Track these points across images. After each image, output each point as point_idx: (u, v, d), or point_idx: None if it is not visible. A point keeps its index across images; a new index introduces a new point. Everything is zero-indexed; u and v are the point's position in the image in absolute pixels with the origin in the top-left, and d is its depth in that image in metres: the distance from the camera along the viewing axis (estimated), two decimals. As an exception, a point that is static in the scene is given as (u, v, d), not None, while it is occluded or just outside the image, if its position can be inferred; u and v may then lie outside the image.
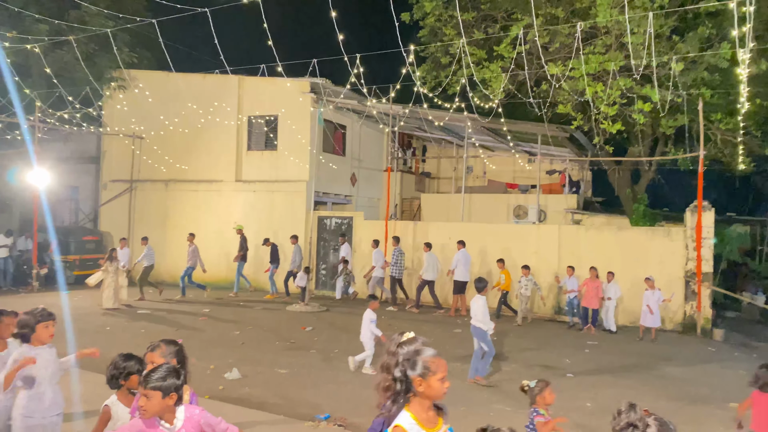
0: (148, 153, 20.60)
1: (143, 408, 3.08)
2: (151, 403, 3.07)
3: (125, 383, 3.87)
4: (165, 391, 3.09)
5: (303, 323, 13.17)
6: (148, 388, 3.07)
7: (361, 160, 21.40)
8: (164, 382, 3.10)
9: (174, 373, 3.16)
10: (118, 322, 12.82)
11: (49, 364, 4.48)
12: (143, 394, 3.08)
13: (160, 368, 3.17)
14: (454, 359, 9.78)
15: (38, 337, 4.43)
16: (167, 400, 3.10)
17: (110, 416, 3.76)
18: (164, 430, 3.15)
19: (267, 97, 18.86)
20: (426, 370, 2.81)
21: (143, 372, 3.78)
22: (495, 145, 22.31)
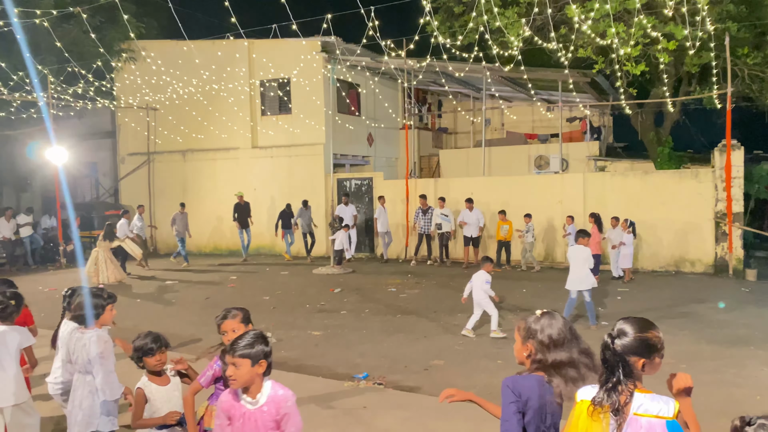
0: (163, 124, 20.49)
1: (232, 377, 2.91)
2: (240, 371, 2.90)
3: (142, 365, 3.77)
4: (254, 358, 2.92)
5: (331, 285, 13.19)
6: (236, 356, 2.90)
7: (376, 120, 21.10)
8: (252, 349, 2.92)
9: (262, 340, 2.98)
10: (148, 294, 12.93)
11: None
12: (231, 363, 2.92)
13: (247, 335, 2.99)
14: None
15: (104, 320, 4.20)
16: (256, 368, 2.94)
17: (146, 398, 3.68)
18: (246, 405, 2.97)
19: (278, 59, 18.55)
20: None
21: (158, 347, 3.74)
22: (513, 95, 21.83)
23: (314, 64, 17.97)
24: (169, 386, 3.78)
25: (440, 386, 6.68)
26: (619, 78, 14.69)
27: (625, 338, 2.37)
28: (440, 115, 26.39)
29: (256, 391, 2.97)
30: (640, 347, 2.35)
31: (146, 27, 20.35)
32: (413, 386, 6.63)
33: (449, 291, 12.32)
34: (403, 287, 12.82)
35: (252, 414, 2.94)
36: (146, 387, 3.71)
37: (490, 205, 15.91)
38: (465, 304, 10.88)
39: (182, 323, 9.99)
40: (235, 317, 3.61)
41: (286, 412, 2.97)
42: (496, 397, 6.23)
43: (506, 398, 2.69)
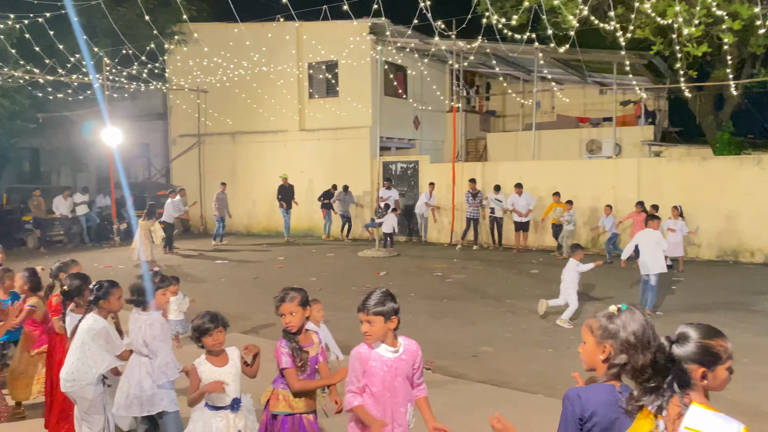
0: (214, 106, 20.78)
1: (368, 333, 3.10)
2: (374, 327, 3.08)
3: (201, 344, 3.76)
4: (386, 315, 3.08)
5: (376, 268, 13.19)
6: (369, 314, 3.07)
7: (423, 102, 20.89)
8: (384, 307, 3.08)
9: (391, 297, 3.13)
10: (199, 273, 13.19)
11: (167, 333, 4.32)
12: (365, 320, 3.09)
13: (376, 293, 3.14)
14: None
15: (158, 303, 4.20)
16: (389, 324, 3.10)
17: (197, 378, 3.66)
18: (387, 354, 3.14)
19: (327, 41, 18.51)
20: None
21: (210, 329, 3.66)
22: (565, 77, 21.26)
23: (363, 46, 17.87)
24: (225, 367, 3.72)
25: (489, 373, 6.62)
26: (679, 60, 14.08)
27: (686, 344, 2.12)
28: (488, 98, 25.96)
29: (395, 342, 3.17)
30: (701, 355, 2.10)
31: (197, 10, 20.62)
32: (461, 372, 6.57)
33: (496, 276, 12.17)
34: (450, 271, 12.72)
35: (393, 362, 3.13)
36: (200, 366, 3.68)
37: (539, 191, 15.60)
38: (512, 291, 10.75)
39: (231, 302, 10.15)
40: (293, 300, 3.57)
41: (420, 360, 3.23)
42: (547, 386, 6.11)
43: (567, 415, 2.38)
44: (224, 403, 3.66)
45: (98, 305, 4.21)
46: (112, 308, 4.31)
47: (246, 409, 3.78)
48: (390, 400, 3.13)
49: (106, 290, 4.23)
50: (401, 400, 3.16)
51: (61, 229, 18.22)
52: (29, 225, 18.02)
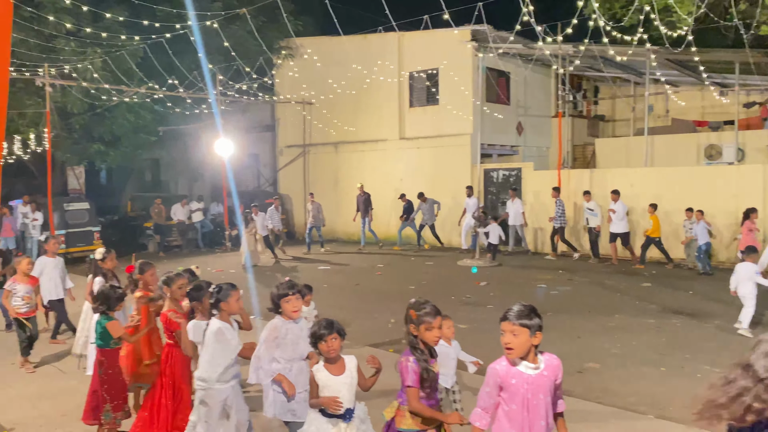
0: (318, 117, 21.41)
1: (509, 345, 2.95)
2: (518, 340, 2.94)
3: (319, 347, 3.73)
4: (532, 328, 2.95)
5: (476, 278, 12.98)
6: (515, 324, 2.94)
7: (527, 108, 20.39)
8: (530, 320, 2.96)
9: (536, 312, 3.01)
10: (301, 280, 13.58)
11: (300, 340, 4.31)
12: (509, 331, 2.95)
13: (519, 305, 3.03)
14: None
15: (285, 312, 4.32)
16: (533, 339, 2.97)
17: (316, 384, 3.67)
18: (528, 371, 3.00)
19: (427, 50, 18.55)
20: None
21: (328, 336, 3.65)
22: (680, 79, 20.01)
23: (463, 54, 17.74)
24: (341, 377, 3.69)
25: (595, 391, 6.29)
26: (812, 56, 12.87)
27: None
28: (597, 102, 24.91)
29: (534, 358, 3.01)
30: None
31: (303, 24, 21.36)
32: (566, 389, 6.21)
33: (604, 289, 11.60)
34: (554, 283, 12.27)
35: (534, 379, 2.99)
36: (317, 372, 3.68)
37: (651, 198, 14.71)
38: (621, 305, 10.20)
39: (332, 308, 10.33)
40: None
41: (561, 375, 3.08)
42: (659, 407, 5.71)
43: None
44: (337, 412, 3.63)
45: (218, 307, 4.33)
46: (231, 310, 4.37)
47: (359, 419, 3.73)
48: (527, 418, 3.00)
49: (225, 292, 4.33)
50: (540, 417, 3.01)
51: (179, 234, 19.44)
52: (150, 231, 19.38)
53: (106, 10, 16.79)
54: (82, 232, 16.90)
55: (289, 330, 4.29)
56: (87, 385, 5.36)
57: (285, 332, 4.26)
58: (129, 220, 21.24)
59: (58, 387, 6.82)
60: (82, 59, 16.43)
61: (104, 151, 19.64)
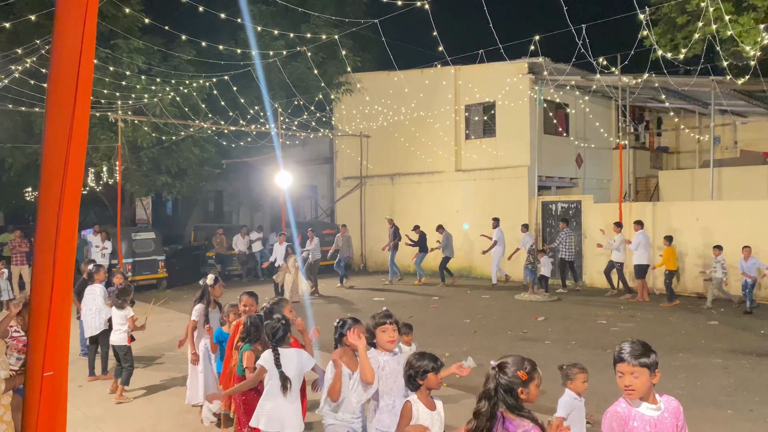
0: (374, 150, 21.74)
1: (631, 388, 2.84)
2: (640, 381, 2.82)
3: (423, 382, 3.62)
4: (651, 367, 2.85)
5: (534, 313, 12.73)
6: (635, 365, 2.82)
7: (587, 139, 20.09)
8: (648, 358, 2.84)
9: (649, 348, 2.88)
10: (353, 310, 13.65)
11: (398, 375, 4.10)
12: (629, 373, 2.83)
13: (630, 342, 2.91)
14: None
15: (379, 343, 4.17)
16: (653, 378, 2.87)
17: (411, 414, 3.59)
18: (650, 412, 2.89)
19: (484, 83, 18.63)
20: None
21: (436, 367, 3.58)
22: (748, 109, 19.33)
23: (520, 86, 17.73)
24: (434, 412, 3.64)
25: (657, 434, 6.04)
26: None
27: None
28: (660, 134, 24.31)
29: (654, 399, 2.91)
30: None
31: (361, 60, 21.88)
32: None
33: (669, 326, 11.16)
34: (615, 320, 11.89)
35: (656, 421, 2.88)
36: (415, 403, 3.60)
37: (718, 234, 14.14)
38: (686, 343, 9.80)
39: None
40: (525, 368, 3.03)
41: (683, 417, 2.95)
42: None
43: None
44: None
45: (342, 342, 4.25)
46: (354, 346, 4.10)
47: None
48: None
49: (349, 326, 4.26)
50: None
51: (239, 264, 19.93)
52: (212, 260, 19.96)
53: (175, 50, 17.71)
54: (147, 260, 17.57)
55: (387, 362, 4.11)
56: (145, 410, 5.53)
57: (383, 364, 4.09)
58: (192, 250, 21.96)
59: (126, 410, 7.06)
60: (152, 96, 17.33)
61: (171, 183, 20.48)
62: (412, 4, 9.80)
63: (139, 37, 17.57)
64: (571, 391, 4.59)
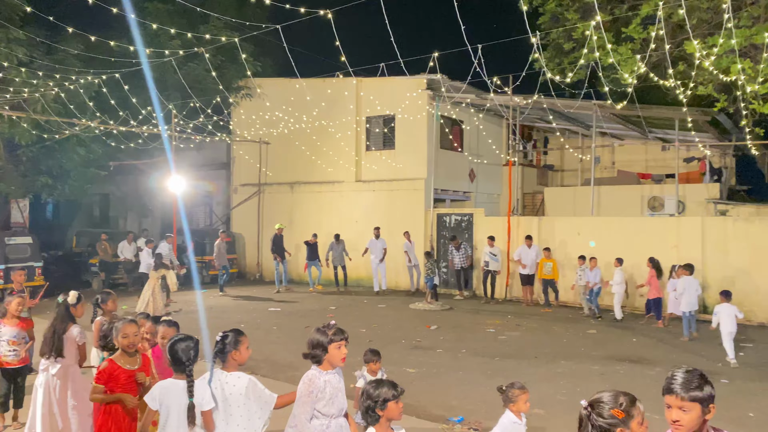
0: (274, 157, 21.45)
1: (678, 423, 2.54)
2: (689, 416, 2.52)
3: (383, 413, 3.30)
4: (704, 402, 2.52)
5: (427, 322, 13.03)
6: (686, 399, 2.51)
7: (479, 155, 20.94)
8: (702, 392, 2.52)
9: (706, 380, 2.56)
10: (251, 320, 13.35)
11: (339, 393, 3.87)
12: (678, 406, 2.54)
13: (685, 371, 2.59)
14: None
15: (330, 359, 3.86)
16: (706, 413, 2.54)
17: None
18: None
19: (384, 96, 18.95)
20: None
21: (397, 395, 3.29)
22: (625, 132, 20.97)
23: (419, 101, 18.20)
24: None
25: (540, 438, 6.34)
26: (744, 117, 13.70)
27: None
28: (546, 152, 25.80)
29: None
30: None
31: (262, 65, 21.54)
32: (511, 435, 6.30)
33: (552, 335, 11.80)
34: (503, 328, 12.42)
35: None
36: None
37: (597, 246, 15.17)
38: (568, 351, 10.38)
39: (282, 351, 10.20)
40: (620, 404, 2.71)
41: None
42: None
43: None
44: None
45: (225, 358, 3.85)
46: (242, 360, 3.88)
47: None
48: None
49: (234, 339, 3.87)
50: None
51: (125, 272, 18.89)
52: (95, 267, 18.79)
53: (61, 43, 16.60)
54: (22, 267, 16.23)
55: (328, 382, 3.81)
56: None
57: (323, 384, 3.79)
58: (74, 256, 20.56)
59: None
60: (33, 91, 16.13)
61: (51, 185, 19.09)
62: (315, 12, 9.80)
63: (19, 26, 16.32)
64: (513, 413, 4.50)
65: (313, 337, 3.88)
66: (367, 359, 5.73)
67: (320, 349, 3.83)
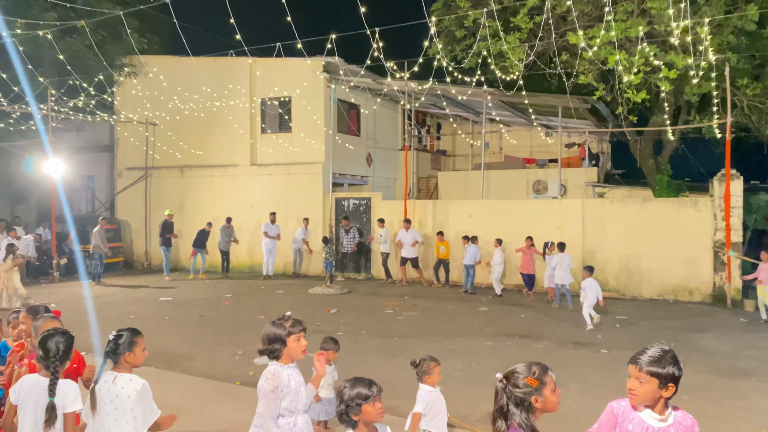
0: (163, 139, 20.46)
1: (633, 391, 2.71)
2: (644, 389, 2.66)
3: (358, 417, 3.05)
4: (662, 379, 2.63)
5: (326, 306, 13.05)
6: (643, 371, 2.65)
7: (376, 140, 21.12)
8: (662, 368, 2.63)
9: (673, 361, 2.66)
10: (141, 310, 12.76)
11: (302, 387, 3.65)
12: (635, 376, 2.68)
13: (656, 348, 2.70)
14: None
15: (290, 353, 3.62)
16: (663, 391, 2.65)
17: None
18: (651, 421, 2.73)
19: (280, 78, 18.60)
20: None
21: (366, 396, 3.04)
22: (512, 119, 21.93)
23: (316, 84, 18.02)
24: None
25: (439, 413, 6.56)
26: (620, 105, 14.75)
27: None
28: (439, 138, 26.47)
29: (664, 410, 2.74)
30: None
31: (149, 42, 20.43)
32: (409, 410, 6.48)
33: (447, 314, 12.21)
34: (401, 309, 12.70)
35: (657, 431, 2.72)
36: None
37: (489, 229, 15.84)
38: (462, 329, 10.79)
39: (175, 341, 9.83)
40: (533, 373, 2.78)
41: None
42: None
43: None
44: None
45: (118, 360, 3.56)
46: (137, 363, 3.62)
47: None
48: None
49: (129, 339, 3.60)
50: None
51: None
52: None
53: None
54: None
55: (291, 376, 3.57)
56: None
57: (287, 379, 3.53)
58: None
59: None
60: None
61: None
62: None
63: None
64: (427, 384, 4.67)
65: (269, 331, 3.59)
66: (327, 347, 5.33)
67: (279, 343, 3.56)
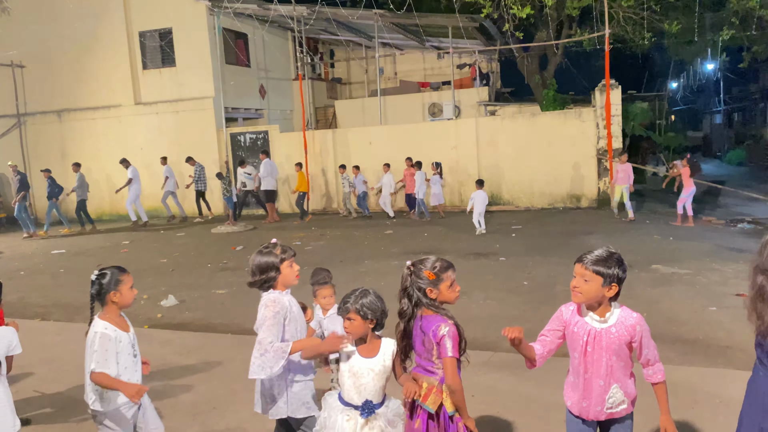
0: (34, 83, 18.76)
1: (577, 289, 2.70)
2: (588, 287, 2.67)
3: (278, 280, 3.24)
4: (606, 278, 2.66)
5: (232, 244, 12.87)
6: (588, 269, 2.65)
7: (268, 71, 20.41)
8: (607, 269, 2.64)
9: (619, 263, 2.68)
10: (32, 265, 12.03)
11: (300, 316, 3.46)
12: (581, 275, 2.68)
13: (604, 249, 2.70)
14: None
15: (284, 280, 3.41)
16: (605, 289, 2.67)
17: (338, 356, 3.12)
18: (592, 323, 2.75)
19: (159, 7, 17.36)
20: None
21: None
22: (404, 43, 21.83)
23: (198, 12, 17.00)
24: (372, 360, 3.04)
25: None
26: (506, 22, 15.03)
27: None
28: (333, 65, 25.96)
29: (605, 311, 2.75)
30: None
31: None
32: (325, 334, 6.66)
33: (354, 240, 12.43)
34: (309, 240, 12.76)
35: (597, 333, 2.74)
36: (345, 348, 3.06)
37: (388, 154, 15.99)
38: (369, 252, 11.05)
39: (74, 292, 9.42)
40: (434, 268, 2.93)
41: (640, 336, 2.74)
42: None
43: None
44: (352, 401, 2.97)
45: (104, 301, 3.33)
46: (125, 303, 3.41)
47: (385, 419, 2.97)
48: (583, 374, 2.79)
49: (113, 278, 3.36)
50: (598, 376, 2.75)
51: None
52: None
53: None
54: None
55: (292, 302, 3.41)
56: None
57: (289, 304, 3.37)
58: None
59: None
60: None
61: None
62: None
63: None
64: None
65: (259, 260, 3.37)
66: (321, 281, 4.52)
67: (273, 271, 3.36)
